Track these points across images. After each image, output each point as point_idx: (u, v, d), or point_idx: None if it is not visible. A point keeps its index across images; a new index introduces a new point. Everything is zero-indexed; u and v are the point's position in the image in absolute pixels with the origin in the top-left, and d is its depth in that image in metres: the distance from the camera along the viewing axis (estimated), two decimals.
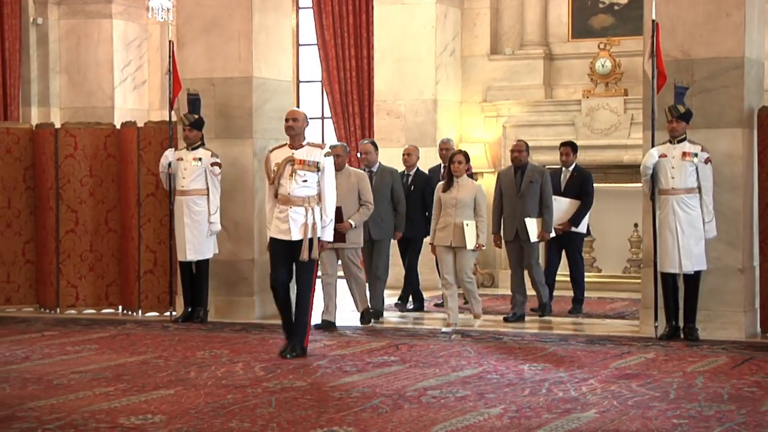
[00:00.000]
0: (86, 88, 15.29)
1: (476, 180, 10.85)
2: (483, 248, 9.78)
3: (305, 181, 8.14)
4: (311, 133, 15.44)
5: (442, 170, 10.94)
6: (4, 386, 7.15)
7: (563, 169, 10.94)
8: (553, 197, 10.42)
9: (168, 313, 10.58)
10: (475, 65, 13.77)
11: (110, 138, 11.07)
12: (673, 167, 8.94)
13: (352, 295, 10.11)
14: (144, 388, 7.07)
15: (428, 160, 12.83)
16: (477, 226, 9.53)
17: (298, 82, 15.50)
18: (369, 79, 14.08)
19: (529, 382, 7.25)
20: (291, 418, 6.19)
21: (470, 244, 9.48)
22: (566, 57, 13.57)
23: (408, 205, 10.66)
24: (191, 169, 10.01)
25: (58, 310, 11.03)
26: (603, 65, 13.02)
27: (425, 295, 11.53)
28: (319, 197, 8.22)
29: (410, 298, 11.25)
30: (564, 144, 11.07)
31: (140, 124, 10.96)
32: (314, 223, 8.11)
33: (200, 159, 9.95)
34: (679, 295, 9.06)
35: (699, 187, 8.94)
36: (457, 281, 9.70)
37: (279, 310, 8.36)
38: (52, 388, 7.09)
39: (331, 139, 14.95)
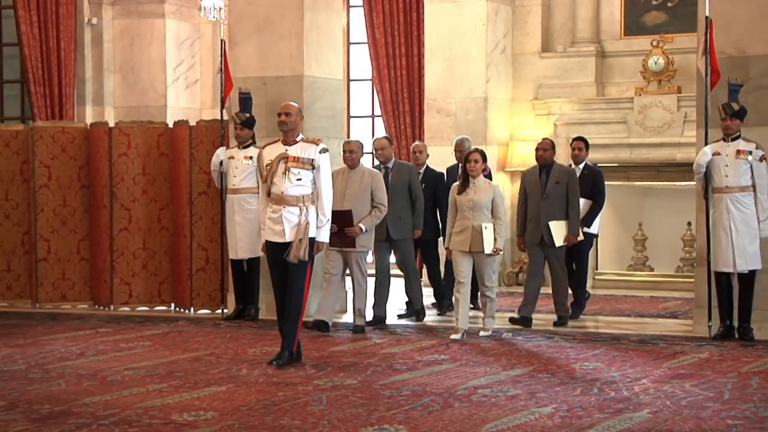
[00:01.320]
0: (139, 88, 15.42)
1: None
2: (501, 252, 9.25)
3: (299, 179, 7.71)
4: (361, 132, 15.54)
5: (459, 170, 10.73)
6: (59, 382, 7.24)
7: (573, 166, 10.48)
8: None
9: (219, 311, 10.64)
10: (527, 63, 13.70)
11: (163, 137, 11.16)
12: (726, 165, 8.84)
13: (353, 302, 9.54)
14: (196, 385, 7.12)
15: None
16: (495, 229, 9.07)
17: (349, 80, 15.52)
18: (419, 77, 14.06)
19: (580, 382, 7.21)
20: (341, 415, 6.20)
21: (488, 248, 9.00)
22: (618, 54, 13.46)
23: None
24: (242, 167, 10.06)
25: (111, 307, 11.14)
26: (656, 62, 12.89)
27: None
28: (315, 196, 7.78)
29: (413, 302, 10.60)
30: (576, 139, 10.71)
31: (192, 123, 11.05)
32: (307, 223, 7.66)
33: (251, 157, 10.00)
34: (734, 295, 8.96)
35: (753, 185, 8.83)
36: (480, 289, 9.28)
37: (279, 317, 7.93)
38: (107, 384, 7.16)
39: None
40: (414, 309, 10.30)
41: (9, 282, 11.54)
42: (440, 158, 11.62)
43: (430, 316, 10.47)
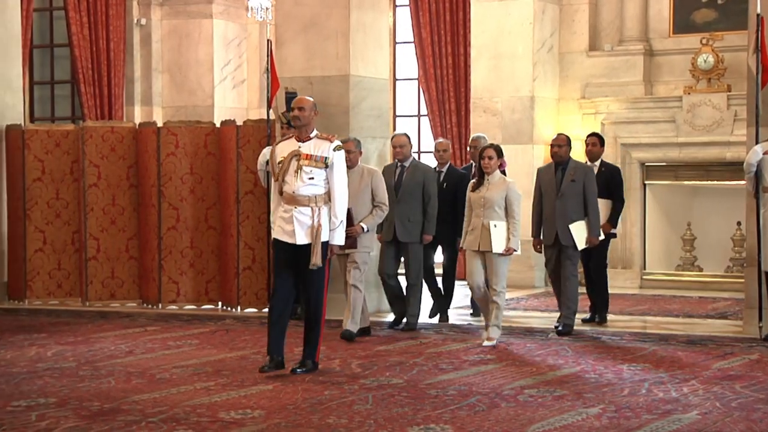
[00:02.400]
0: (187, 87, 15.53)
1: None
2: (515, 252, 8.70)
3: (311, 178, 7.33)
4: (407, 131, 15.50)
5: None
6: (109, 379, 7.30)
7: (588, 163, 9.92)
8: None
9: (266, 310, 10.68)
10: (574, 62, 13.63)
11: (210, 136, 11.23)
12: None
13: (350, 306, 8.96)
14: (243, 384, 7.15)
15: (525, 157, 12.77)
16: (508, 228, 8.58)
17: (395, 79, 15.53)
18: (466, 77, 14.03)
19: (628, 382, 7.15)
20: (388, 415, 6.20)
21: (497, 247, 8.51)
22: (667, 53, 13.34)
23: (440, 205, 9.71)
24: None
25: (160, 306, 11.23)
26: (705, 61, 12.76)
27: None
28: (328, 196, 7.39)
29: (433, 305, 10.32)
30: (590, 135, 10.22)
31: (239, 123, 11.10)
32: (320, 226, 7.30)
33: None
34: None
35: None
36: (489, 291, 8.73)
37: (270, 322, 7.45)
38: (155, 382, 7.22)
39: (427, 137, 14.95)
40: (408, 322, 9.60)
41: (59, 280, 11.68)
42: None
43: (461, 317, 10.46)
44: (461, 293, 10.87)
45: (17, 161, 11.65)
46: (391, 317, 9.98)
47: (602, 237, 9.46)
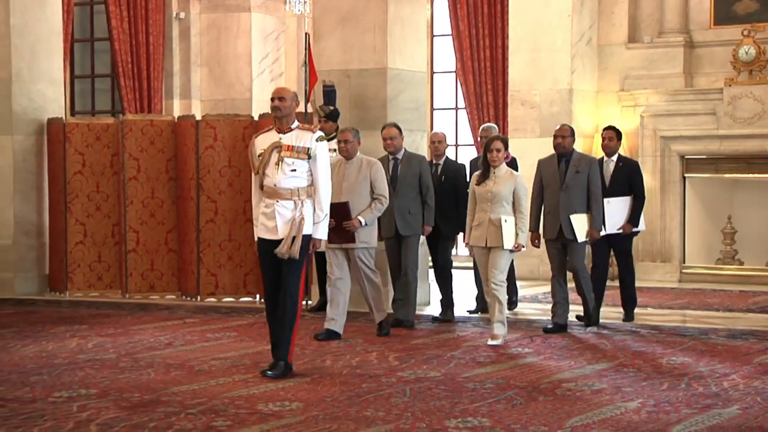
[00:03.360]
0: (226, 81, 15.59)
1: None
2: (523, 249, 8.40)
3: (294, 170, 6.98)
4: (444, 124, 15.52)
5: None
6: (149, 371, 7.36)
7: (605, 158, 9.55)
8: (605, 200, 9.10)
9: (304, 302, 10.71)
10: (613, 54, 13.54)
11: (248, 129, 11.26)
12: None
13: (367, 303, 8.86)
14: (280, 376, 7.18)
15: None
16: (516, 224, 8.27)
17: (432, 72, 15.51)
18: (503, 69, 13.99)
19: (667, 377, 7.11)
20: (425, 407, 6.20)
21: (508, 243, 8.19)
22: (708, 44, 13.23)
23: (440, 198, 9.42)
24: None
25: (198, 298, 11.29)
26: (747, 52, 12.64)
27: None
28: (312, 189, 7.06)
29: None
30: (607, 128, 9.77)
31: None
32: (302, 219, 6.96)
33: (335, 150, 10.03)
34: None
35: None
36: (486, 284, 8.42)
37: (270, 324, 7.19)
38: (194, 374, 7.26)
39: (465, 129, 14.93)
40: (401, 320, 9.24)
41: (100, 273, 11.78)
42: (524, 150, 11.54)
43: (523, 308, 10.43)
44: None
45: (58, 154, 11.76)
46: (429, 310, 9.98)
47: (604, 233, 9.08)
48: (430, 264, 9.82)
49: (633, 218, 9.42)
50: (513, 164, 9.57)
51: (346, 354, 8.01)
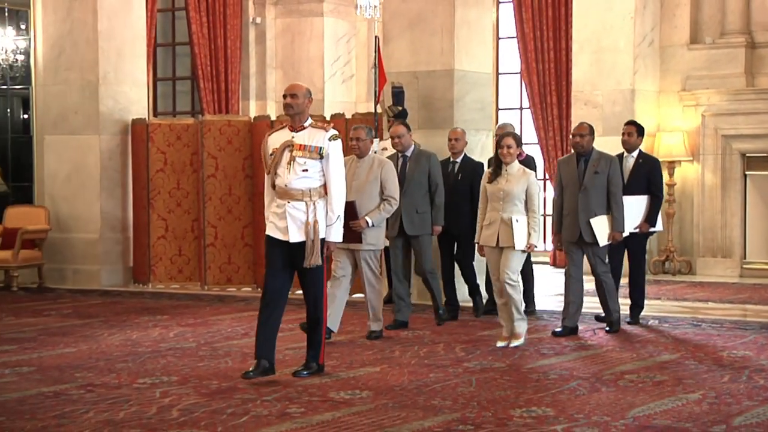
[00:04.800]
0: (299, 82, 15.62)
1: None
2: (535, 249, 7.91)
3: (305, 170, 6.53)
4: (511, 122, 15.39)
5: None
6: (226, 360, 7.43)
7: (625, 154, 8.98)
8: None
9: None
10: (674, 55, 13.35)
11: None
12: None
13: (367, 306, 8.32)
14: (351, 365, 7.20)
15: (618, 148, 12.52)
16: (529, 223, 7.74)
17: (498, 74, 15.42)
18: (567, 70, 13.87)
19: (728, 369, 7.00)
20: (490, 397, 6.18)
21: (519, 244, 7.68)
22: None
23: (454, 197, 9.02)
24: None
25: (255, 287, 11.33)
26: None
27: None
28: (324, 190, 6.61)
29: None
30: (628, 123, 9.17)
31: (348, 116, 11.16)
32: (316, 222, 6.53)
33: (385, 148, 10.02)
34: None
35: None
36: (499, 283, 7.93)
37: (259, 323, 6.68)
38: None
39: (529, 129, 14.82)
40: (439, 316, 8.97)
41: (180, 266, 11.92)
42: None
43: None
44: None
45: (142, 153, 11.92)
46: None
47: (626, 234, 8.54)
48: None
49: (650, 217, 8.84)
50: (529, 162, 9.07)
51: (414, 345, 8.00)
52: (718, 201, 12.91)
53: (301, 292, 6.93)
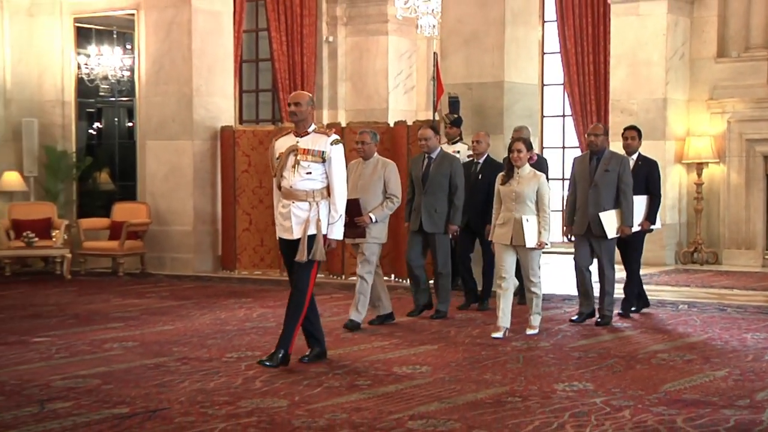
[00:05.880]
0: (366, 93, 15.67)
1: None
2: (547, 246, 7.50)
3: (309, 173, 6.27)
4: (553, 129, 15.29)
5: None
6: (302, 338, 7.44)
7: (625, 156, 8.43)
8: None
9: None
10: (703, 67, 13.12)
11: (385, 134, 11.26)
12: None
13: (355, 300, 7.93)
14: (413, 343, 7.20)
15: (658, 151, 12.35)
16: (539, 222, 7.39)
17: (543, 85, 15.29)
18: (605, 82, 13.71)
19: (752, 350, 6.87)
20: (536, 373, 6.13)
21: (529, 242, 7.34)
22: None
23: (475, 195, 8.67)
24: None
25: (343, 277, 11.38)
26: None
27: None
28: (327, 191, 6.33)
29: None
30: (628, 128, 8.67)
31: (409, 123, 11.13)
32: (318, 220, 6.25)
33: (458, 151, 9.98)
34: None
35: None
36: (524, 284, 7.65)
37: (303, 320, 6.51)
38: (340, 341, 7.33)
39: (571, 134, 14.68)
40: (438, 311, 8.43)
41: (262, 255, 11.98)
42: (616, 152, 11.23)
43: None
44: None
45: (229, 156, 12.01)
46: None
47: (635, 230, 8.12)
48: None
49: (650, 215, 8.36)
50: (541, 165, 8.52)
51: (468, 326, 7.97)
52: (743, 198, 12.70)
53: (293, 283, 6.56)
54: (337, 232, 6.37)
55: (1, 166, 12.66)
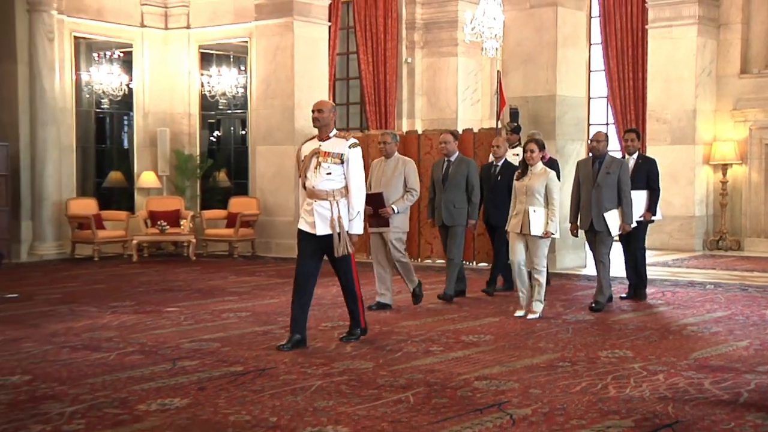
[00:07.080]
0: (438, 106, 15.62)
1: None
2: (553, 236, 7.08)
3: (329, 173, 5.89)
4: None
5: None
6: (386, 311, 7.48)
7: (626, 156, 8.18)
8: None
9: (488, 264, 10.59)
10: (728, 83, 12.76)
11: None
12: None
13: (402, 277, 7.69)
14: (477, 316, 7.17)
15: (688, 154, 12.05)
16: (547, 214, 7.04)
17: (589, 98, 15.03)
18: (643, 95, 13.42)
19: None
20: (583, 342, 6.06)
21: (535, 230, 7.00)
22: None
23: (495, 193, 8.26)
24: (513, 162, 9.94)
25: (419, 259, 11.37)
26: None
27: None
28: (347, 190, 5.94)
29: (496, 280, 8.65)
30: (628, 131, 8.30)
31: (475, 130, 11.06)
32: (339, 217, 5.89)
33: (518, 154, 9.85)
34: None
35: None
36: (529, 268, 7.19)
37: (293, 303, 6.00)
38: (416, 313, 7.34)
39: (614, 141, 14.38)
40: (445, 293, 8.03)
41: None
42: (656, 154, 10.99)
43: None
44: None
45: None
46: (585, 271, 9.68)
47: (634, 225, 7.68)
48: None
49: (651, 207, 7.95)
50: (553, 163, 8.31)
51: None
52: (762, 194, 12.39)
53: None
54: (356, 228, 5.98)
55: (140, 167, 13.00)
